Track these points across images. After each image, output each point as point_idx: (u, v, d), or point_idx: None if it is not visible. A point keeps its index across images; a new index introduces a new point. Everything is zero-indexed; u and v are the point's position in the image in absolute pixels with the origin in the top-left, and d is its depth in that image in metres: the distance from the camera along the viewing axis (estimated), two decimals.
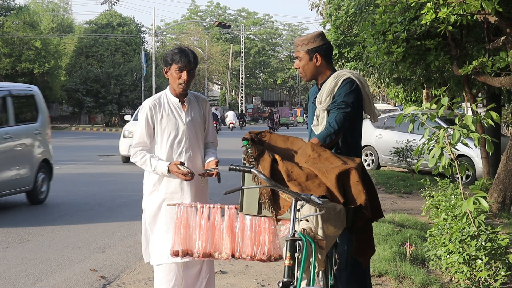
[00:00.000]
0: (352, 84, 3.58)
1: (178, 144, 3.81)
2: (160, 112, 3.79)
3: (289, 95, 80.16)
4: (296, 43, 3.72)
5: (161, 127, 3.79)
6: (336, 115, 3.51)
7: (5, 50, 37.09)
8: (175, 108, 3.83)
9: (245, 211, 3.20)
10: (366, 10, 10.74)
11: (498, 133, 12.01)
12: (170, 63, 3.74)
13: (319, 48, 3.65)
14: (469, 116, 4.32)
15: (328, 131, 3.48)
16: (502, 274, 4.53)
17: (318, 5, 20.12)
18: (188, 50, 3.81)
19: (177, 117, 3.82)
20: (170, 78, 3.79)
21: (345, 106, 3.52)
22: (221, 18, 66.34)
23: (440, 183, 7.37)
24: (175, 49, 3.82)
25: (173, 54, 3.75)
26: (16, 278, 5.29)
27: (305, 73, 3.71)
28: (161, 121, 3.79)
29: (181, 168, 3.65)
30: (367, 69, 11.74)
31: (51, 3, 55.95)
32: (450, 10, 6.31)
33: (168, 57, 3.76)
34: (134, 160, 3.83)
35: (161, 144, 3.81)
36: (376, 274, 5.22)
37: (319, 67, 3.67)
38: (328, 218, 2.86)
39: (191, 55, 3.77)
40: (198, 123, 3.90)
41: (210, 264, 3.94)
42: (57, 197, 10.05)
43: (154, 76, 39.04)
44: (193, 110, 3.89)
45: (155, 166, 3.73)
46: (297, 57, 3.71)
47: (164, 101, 3.83)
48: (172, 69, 3.75)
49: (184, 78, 3.73)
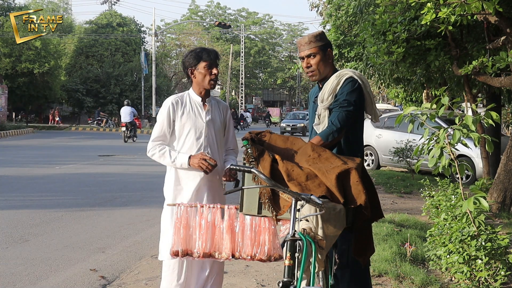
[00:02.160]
0: (355, 83, 3.58)
1: (197, 141, 3.83)
2: (181, 109, 3.84)
3: (289, 95, 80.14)
4: (305, 41, 3.66)
5: (180, 123, 3.83)
6: (339, 114, 3.51)
7: (5, 50, 37.09)
8: (197, 106, 3.87)
9: (245, 211, 3.20)
10: (366, 10, 10.75)
11: (498, 133, 12.02)
12: (197, 62, 3.76)
13: (329, 44, 3.68)
14: (469, 116, 4.32)
15: (330, 129, 3.47)
16: (502, 274, 4.53)
17: (318, 5, 20.13)
18: (209, 48, 3.90)
19: (197, 115, 3.85)
20: (197, 77, 3.80)
21: (347, 105, 3.52)
22: (221, 18, 66.36)
23: (440, 183, 7.37)
24: (195, 49, 3.86)
25: (198, 53, 3.79)
26: (16, 278, 5.29)
27: (319, 70, 3.67)
28: (181, 117, 3.82)
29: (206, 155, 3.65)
30: (367, 69, 11.75)
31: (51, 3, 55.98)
32: (451, 11, 6.31)
33: (191, 58, 3.79)
34: (151, 154, 3.84)
35: (179, 140, 3.84)
36: (376, 274, 5.22)
37: (329, 64, 3.67)
38: (328, 218, 2.86)
39: (215, 50, 3.85)
40: (218, 125, 3.93)
41: (219, 265, 3.95)
42: (57, 197, 10.05)
43: (154, 76, 39.05)
44: (214, 112, 3.93)
45: (175, 158, 3.74)
46: (308, 56, 3.65)
47: (186, 99, 3.88)
48: (199, 67, 3.77)
49: (215, 72, 3.78)
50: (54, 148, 20.68)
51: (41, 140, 26.40)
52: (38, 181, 12.04)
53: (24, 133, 32.04)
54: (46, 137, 28.76)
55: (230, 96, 64.37)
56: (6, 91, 36.88)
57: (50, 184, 11.66)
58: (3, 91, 36.28)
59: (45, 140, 26.38)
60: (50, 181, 12.05)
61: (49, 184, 11.71)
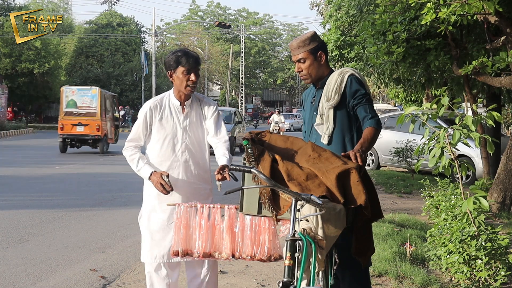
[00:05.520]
0: (358, 79, 3.60)
1: (174, 146, 3.80)
2: (159, 113, 3.80)
3: (289, 95, 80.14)
4: (295, 45, 3.63)
5: (157, 127, 3.80)
6: (369, 106, 3.55)
7: (5, 50, 37.10)
8: (175, 110, 3.83)
9: (245, 211, 3.20)
10: (366, 10, 10.75)
11: (498, 133, 12.03)
12: (176, 66, 3.71)
13: (320, 46, 3.64)
14: (470, 116, 4.32)
15: (376, 118, 3.52)
16: (502, 274, 4.53)
17: (318, 4, 20.13)
18: (191, 52, 3.81)
19: (175, 120, 3.82)
20: (176, 81, 3.76)
21: (369, 97, 3.58)
22: (221, 18, 66.32)
23: (440, 183, 7.37)
24: (177, 51, 3.78)
25: (178, 57, 3.71)
26: (16, 278, 5.28)
27: (310, 74, 3.65)
28: (159, 121, 3.80)
29: (165, 179, 3.60)
30: (367, 69, 11.74)
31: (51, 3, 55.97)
32: (451, 11, 6.31)
33: (172, 60, 3.73)
34: (124, 154, 3.83)
35: (156, 144, 3.81)
36: (376, 274, 5.22)
37: (323, 65, 3.65)
38: (328, 218, 2.86)
39: (195, 55, 3.78)
40: (198, 127, 3.87)
41: (213, 265, 3.93)
42: (57, 197, 10.05)
43: (154, 76, 39.05)
44: (193, 113, 3.86)
45: (140, 168, 3.72)
46: (298, 60, 3.63)
47: (165, 103, 3.84)
48: (178, 71, 3.72)
49: (193, 79, 3.72)
50: (54, 148, 20.64)
51: (41, 140, 26.39)
52: (38, 181, 12.04)
53: (24, 133, 32.05)
54: (46, 137, 28.76)
55: (230, 96, 64.34)
56: (6, 91, 36.87)
57: (50, 184, 11.66)
58: (3, 91, 36.27)
59: (45, 140, 26.38)
60: (50, 181, 12.05)
61: (49, 184, 11.71)
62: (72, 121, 19.13)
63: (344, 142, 3.61)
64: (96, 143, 19.59)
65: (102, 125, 19.35)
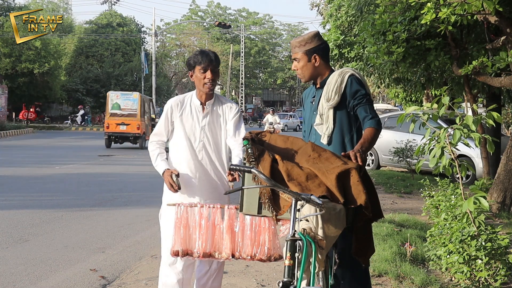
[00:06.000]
0: (358, 79, 3.60)
1: (192, 145, 3.90)
2: (180, 111, 3.92)
3: (289, 95, 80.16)
4: (293, 44, 3.69)
5: (178, 125, 3.92)
6: (369, 107, 3.57)
7: (5, 50, 37.10)
8: (195, 110, 3.93)
9: (245, 211, 3.20)
10: (366, 10, 10.75)
11: (498, 133, 12.02)
12: (194, 66, 3.84)
13: (316, 48, 3.64)
14: (470, 116, 4.32)
15: (376, 118, 3.53)
16: (502, 274, 4.53)
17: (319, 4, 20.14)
18: (209, 51, 3.94)
19: (194, 119, 3.91)
20: (195, 81, 3.88)
21: (369, 98, 3.59)
22: (221, 18, 66.36)
23: (440, 183, 7.37)
24: (196, 52, 3.95)
25: (195, 56, 3.86)
26: (16, 278, 5.28)
27: (304, 74, 3.70)
28: (180, 119, 3.91)
29: (173, 178, 3.70)
30: (367, 69, 11.74)
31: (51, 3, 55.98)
32: (451, 10, 6.31)
33: (190, 61, 3.87)
34: (148, 148, 4.01)
35: (176, 140, 3.94)
36: (376, 274, 5.22)
37: (317, 67, 3.66)
38: (328, 218, 2.86)
39: (212, 54, 3.88)
40: (217, 127, 3.94)
41: (222, 264, 3.95)
42: (57, 197, 10.06)
43: (154, 76, 39.06)
44: (214, 114, 3.94)
45: (157, 164, 3.87)
46: (294, 59, 3.69)
47: (187, 102, 3.96)
48: (196, 71, 3.84)
49: (209, 77, 3.81)
50: (54, 148, 20.67)
51: (41, 140, 26.41)
52: (38, 181, 12.04)
53: (24, 133, 32.06)
54: (46, 137, 28.77)
55: (230, 96, 64.38)
56: (6, 91, 36.88)
57: (50, 184, 11.66)
58: (3, 91, 36.29)
59: (45, 140, 26.39)
60: (50, 181, 12.05)
61: (49, 184, 11.71)
62: (116, 121, 22.45)
63: (343, 142, 3.62)
64: (136, 139, 22.70)
65: (141, 125, 22.62)
